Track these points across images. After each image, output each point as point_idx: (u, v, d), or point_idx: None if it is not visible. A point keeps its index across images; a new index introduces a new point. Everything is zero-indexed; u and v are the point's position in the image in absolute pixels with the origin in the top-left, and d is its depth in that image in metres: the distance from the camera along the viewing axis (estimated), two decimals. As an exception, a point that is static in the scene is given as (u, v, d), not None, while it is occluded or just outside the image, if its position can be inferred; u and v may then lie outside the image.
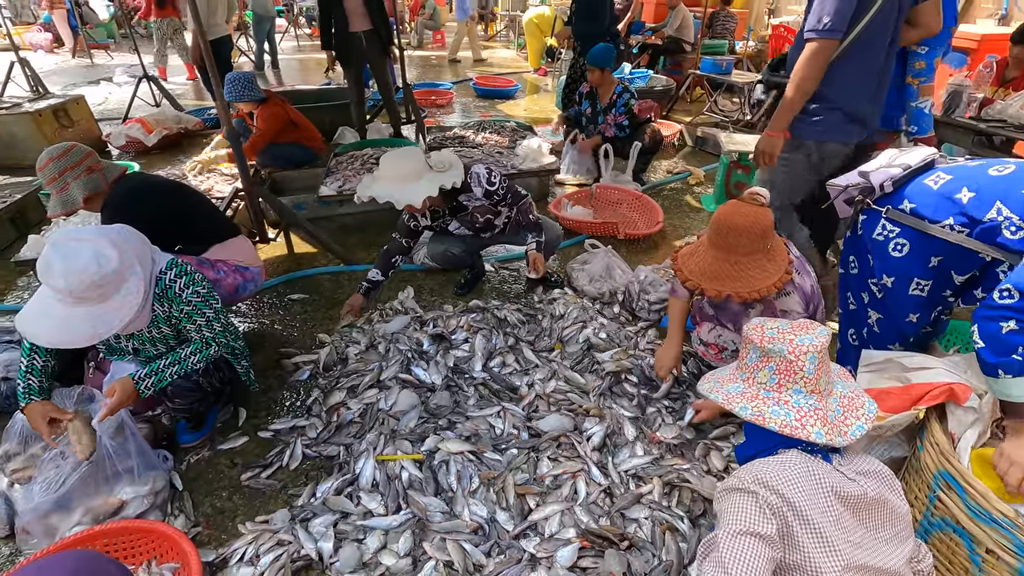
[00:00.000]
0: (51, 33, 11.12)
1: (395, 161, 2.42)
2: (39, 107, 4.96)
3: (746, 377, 1.29)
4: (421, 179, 2.40)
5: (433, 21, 12.86)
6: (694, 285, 1.84)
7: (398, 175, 2.40)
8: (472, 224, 2.74)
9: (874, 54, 2.15)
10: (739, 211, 1.76)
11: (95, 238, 1.59)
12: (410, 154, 2.46)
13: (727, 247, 1.78)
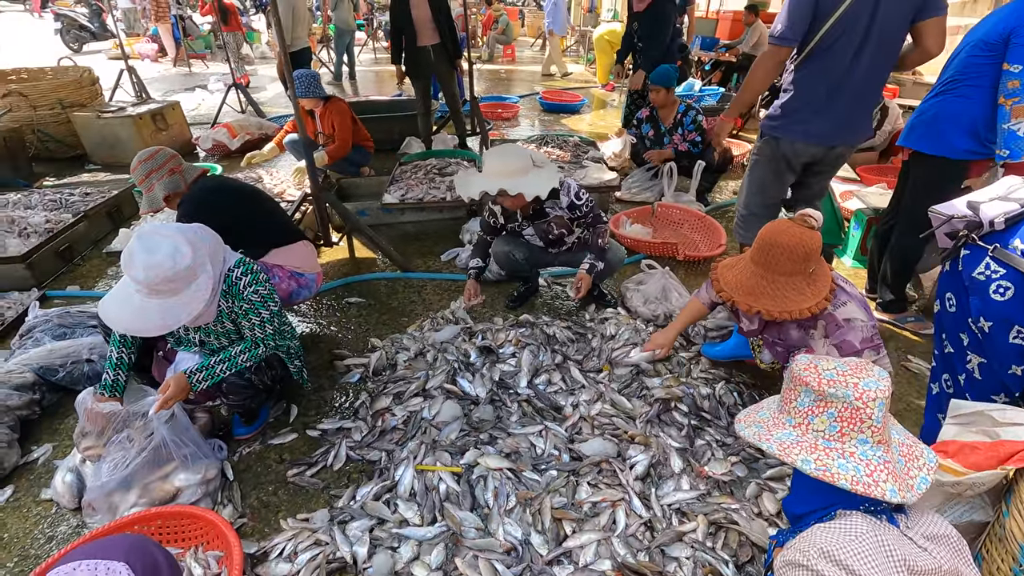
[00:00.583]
0: (156, 44, 12.15)
1: (502, 157, 2.45)
2: (140, 111, 5.41)
3: (798, 423, 1.16)
4: (528, 174, 2.43)
5: (505, 36, 13.09)
6: (727, 297, 1.84)
7: (507, 170, 2.42)
8: (545, 234, 2.72)
9: (832, 63, 2.30)
10: (785, 230, 1.73)
11: (174, 235, 1.71)
12: (516, 150, 2.51)
13: (767, 264, 1.77)
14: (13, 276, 3.09)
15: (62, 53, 10.72)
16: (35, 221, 3.45)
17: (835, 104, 2.38)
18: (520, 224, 2.74)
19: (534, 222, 2.70)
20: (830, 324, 1.81)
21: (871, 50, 2.27)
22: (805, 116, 2.43)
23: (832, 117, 2.41)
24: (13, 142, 4.94)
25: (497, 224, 2.76)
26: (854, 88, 2.35)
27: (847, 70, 2.31)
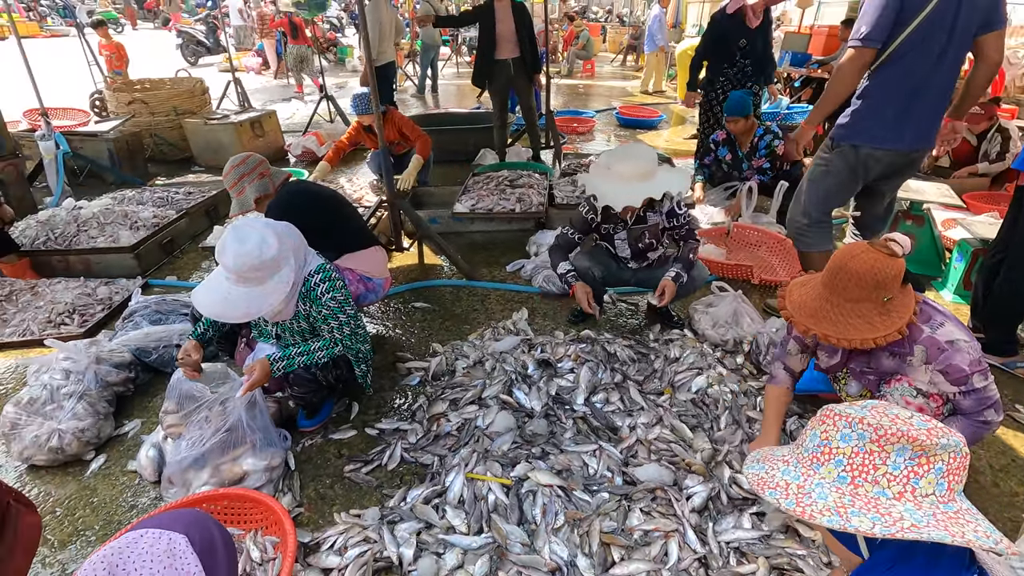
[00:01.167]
0: (261, 58, 13.16)
1: (633, 159, 2.39)
2: (241, 119, 5.86)
3: (901, 491, 0.90)
4: (658, 175, 2.40)
5: (585, 51, 13.13)
6: (787, 316, 1.73)
7: (639, 171, 2.37)
8: (637, 242, 2.66)
9: (912, 67, 2.22)
10: (858, 255, 1.60)
11: (263, 228, 1.84)
12: (643, 150, 2.45)
13: (834, 288, 1.65)
14: (123, 264, 3.42)
15: (180, 66, 11.86)
16: (144, 216, 3.80)
17: (916, 109, 2.30)
18: (615, 227, 2.65)
19: (630, 227, 2.62)
20: (931, 349, 1.63)
21: (953, 54, 2.21)
22: (886, 122, 2.34)
23: (913, 122, 2.32)
24: (134, 144, 5.50)
25: (593, 223, 2.65)
26: (935, 92, 2.28)
27: (929, 74, 2.24)
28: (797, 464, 1.00)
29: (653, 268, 2.76)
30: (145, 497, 1.98)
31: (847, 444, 0.95)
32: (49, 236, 3.52)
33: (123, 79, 7.37)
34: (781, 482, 0.99)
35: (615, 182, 2.41)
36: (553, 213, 4.06)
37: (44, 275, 3.38)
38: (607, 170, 2.47)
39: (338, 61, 14.73)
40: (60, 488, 2.01)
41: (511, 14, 4.86)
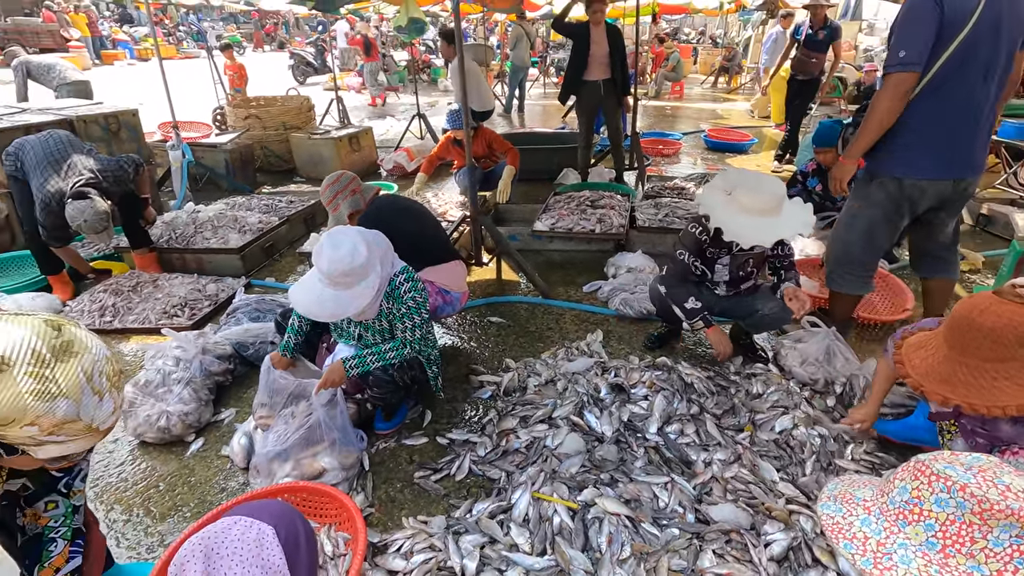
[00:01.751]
0: (361, 78, 14.04)
1: (759, 191, 2.19)
2: (340, 134, 6.27)
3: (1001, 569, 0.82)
4: (783, 210, 2.23)
5: (675, 73, 12.93)
6: (915, 385, 1.54)
7: (766, 206, 2.18)
8: (740, 269, 2.54)
9: (955, 90, 2.07)
10: (987, 308, 1.41)
11: (355, 236, 1.97)
12: (771, 181, 2.24)
13: (965, 348, 1.45)
14: (231, 265, 3.74)
15: (291, 84, 12.90)
16: (251, 221, 4.14)
17: (962, 135, 2.16)
18: (720, 252, 2.50)
19: (735, 253, 2.49)
20: None
21: (999, 72, 2.09)
22: (930, 151, 2.19)
23: (960, 150, 2.18)
24: (246, 155, 6.02)
25: (703, 244, 2.46)
26: (980, 115, 2.14)
27: (974, 96, 2.10)
28: (880, 516, 0.91)
29: (741, 296, 2.64)
30: (234, 481, 2.13)
31: (942, 510, 0.85)
32: (171, 235, 3.92)
33: (242, 96, 8.13)
34: (859, 534, 0.90)
35: (742, 215, 2.23)
36: (634, 236, 4.00)
37: (166, 270, 3.76)
38: (727, 196, 2.31)
39: (431, 81, 15.44)
40: (164, 465, 2.21)
41: (606, 36, 4.90)
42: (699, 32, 25.69)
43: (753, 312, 2.57)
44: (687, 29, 26.49)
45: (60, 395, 0.88)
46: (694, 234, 2.49)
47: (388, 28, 15.33)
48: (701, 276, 2.62)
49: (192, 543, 0.84)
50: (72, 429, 0.90)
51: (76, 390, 0.90)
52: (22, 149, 3.28)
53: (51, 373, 0.89)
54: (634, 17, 6.37)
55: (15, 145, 3.32)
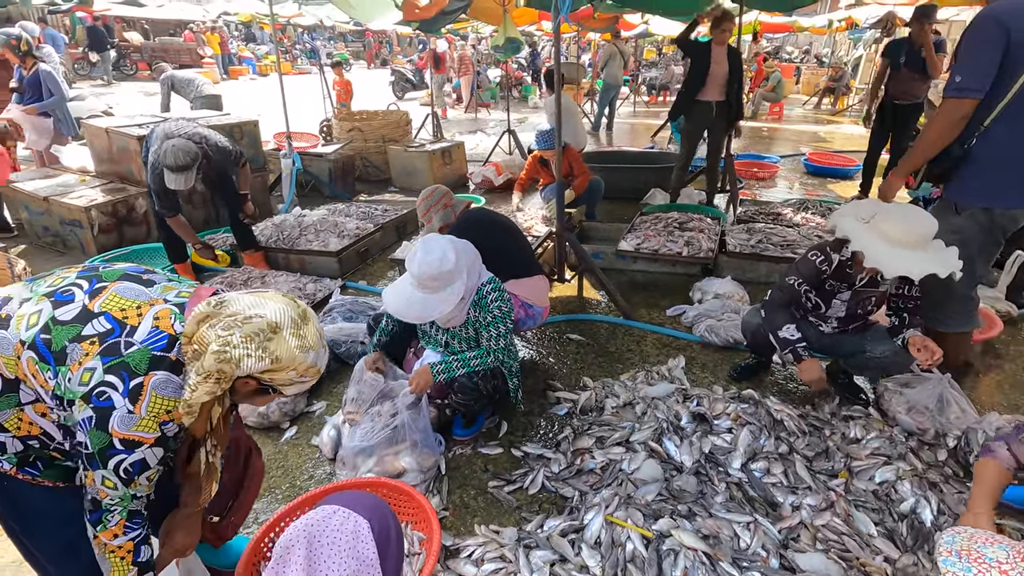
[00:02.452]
0: (456, 94, 14.61)
1: (909, 222, 2.03)
2: (434, 148, 6.55)
3: None
4: (930, 246, 2.04)
5: (775, 93, 12.38)
6: None
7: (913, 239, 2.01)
8: (858, 306, 2.37)
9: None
10: None
11: (446, 243, 2.06)
12: (922, 214, 2.07)
13: None
14: (329, 266, 4.01)
15: (391, 100, 13.65)
16: (349, 227, 4.41)
17: None
18: (840, 286, 2.33)
19: (858, 288, 2.32)
20: None
21: None
22: (1018, 177, 2.14)
23: None
24: (347, 165, 6.43)
25: (823, 275, 2.30)
26: None
27: None
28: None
29: (848, 335, 2.48)
30: (322, 470, 2.26)
31: None
32: (279, 236, 4.25)
33: (347, 110, 8.71)
34: None
35: (885, 244, 2.04)
36: (724, 261, 3.86)
37: (272, 267, 4.08)
38: (865, 224, 2.14)
39: (522, 98, 15.76)
40: (261, 447, 2.39)
41: (727, 57, 4.80)
42: (803, 51, 24.47)
43: (860, 352, 2.40)
44: (790, 48, 25.32)
45: (310, 348, 1.20)
46: (814, 263, 2.32)
47: (485, 47, 15.84)
48: (812, 309, 2.46)
49: (297, 528, 0.91)
50: (311, 372, 1.22)
51: (316, 344, 1.22)
52: (152, 133, 3.54)
53: (303, 332, 1.20)
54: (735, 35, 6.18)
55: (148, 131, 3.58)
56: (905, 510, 1.90)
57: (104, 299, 1.17)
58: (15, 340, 1.12)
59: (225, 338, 1.11)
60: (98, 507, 1.16)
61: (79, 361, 1.10)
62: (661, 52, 20.54)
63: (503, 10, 6.52)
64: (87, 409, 1.08)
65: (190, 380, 1.12)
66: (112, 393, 1.08)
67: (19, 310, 1.15)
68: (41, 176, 4.95)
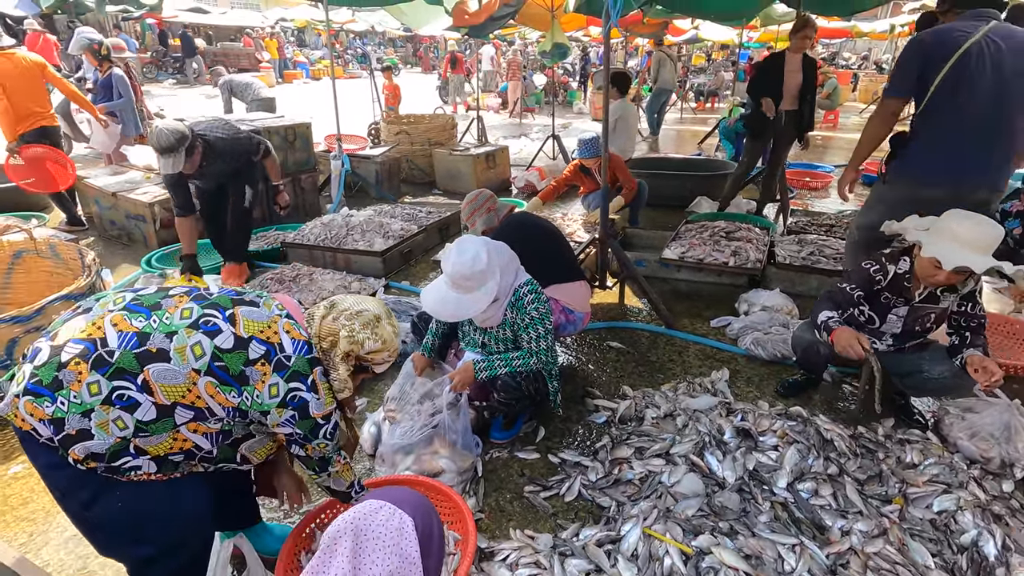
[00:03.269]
0: (501, 98, 14.71)
1: (979, 226, 2.01)
2: (478, 152, 6.61)
3: None
4: (989, 254, 2.00)
5: (830, 100, 11.93)
6: None
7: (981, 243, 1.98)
8: (915, 323, 2.27)
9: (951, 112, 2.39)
10: None
11: (479, 244, 2.09)
12: (991, 222, 2.05)
13: None
14: (373, 266, 4.09)
15: (437, 104, 13.86)
16: (394, 228, 4.50)
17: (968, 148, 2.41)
18: (896, 300, 2.26)
19: (916, 304, 2.23)
20: None
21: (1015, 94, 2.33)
22: (936, 159, 2.49)
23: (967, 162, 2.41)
24: (393, 168, 6.57)
25: (879, 285, 2.24)
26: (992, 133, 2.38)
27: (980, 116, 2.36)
28: None
29: (905, 353, 2.36)
30: (361, 465, 2.30)
31: None
32: (326, 235, 4.37)
33: (395, 114, 8.90)
34: None
35: (950, 242, 2.01)
36: (772, 272, 3.74)
37: (319, 266, 4.19)
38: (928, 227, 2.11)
39: (566, 103, 15.74)
40: (304, 440, 2.46)
41: (801, 66, 4.68)
42: (861, 57, 23.55)
43: (917, 372, 2.28)
44: (847, 54, 24.41)
45: (396, 334, 1.58)
46: (868, 271, 2.23)
47: (532, 52, 15.92)
48: (865, 323, 2.36)
49: (344, 520, 0.93)
50: (395, 353, 1.59)
51: (398, 330, 1.59)
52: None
53: (393, 321, 1.59)
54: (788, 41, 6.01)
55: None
56: (966, 542, 1.79)
57: (241, 326, 1.39)
58: (187, 370, 1.30)
59: (350, 327, 1.49)
60: (325, 462, 1.54)
61: (261, 380, 1.36)
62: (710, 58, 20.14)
63: (551, 15, 6.54)
64: (287, 411, 1.39)
65: (333, 359, 1.48)
66: (301, 393, 1.40)
67: (173, 344, 1.31)
68: (110, 173, 5.25)
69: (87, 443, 1.24)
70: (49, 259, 3.22)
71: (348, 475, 1.64)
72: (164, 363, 1.29)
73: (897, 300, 2.25)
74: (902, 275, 2.18)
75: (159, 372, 1.28)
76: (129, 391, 1.26)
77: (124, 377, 1.26)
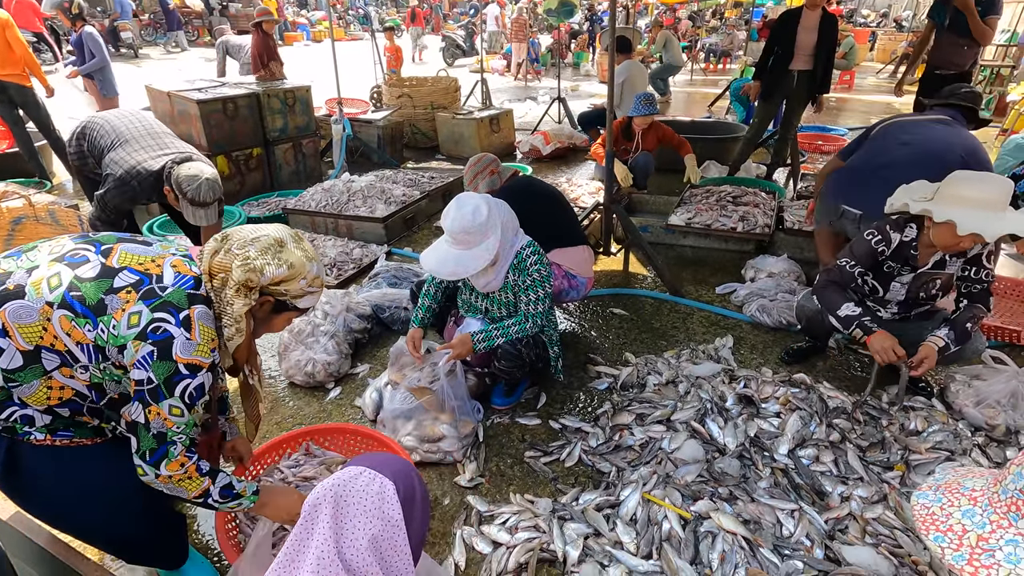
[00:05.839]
0: (506, 60, 14.32)
1: (983, 183, 1.95)
2: (481, 116, 6.46)
3: None
4: (1007, 212, 1.91)
5: (847, 60, 11.52)
6: None
7: (987, 199, 1.90)
8: (920, 290, 2.22)
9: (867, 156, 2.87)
10: None
11: (479, 199, 2.06)
12: (998, 179, 1.99)
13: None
14: (375, 232, 4.06)
15: (441, 66, 13.53)
16: (396, 193, 4.44)
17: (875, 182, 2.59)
18: (901, 268, 2.21)
19: (921, 272, 2.19)
20: None
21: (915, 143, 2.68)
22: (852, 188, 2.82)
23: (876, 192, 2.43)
24: (396, 132, 6.44)
25: (883, 255, 2.19)
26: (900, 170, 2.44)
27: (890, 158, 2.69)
28: (988, 508, 0.74)
29: (909, 322, 2.32)
30: (363, 431, 2.32)
31: None
32: (328, 201, 4.32)
33: (397, 76, 8.69)
34: (957, 526, 0.75)
35: (958, 206, 1.91)
36: (780, 238, 3.67)
37: (321, 232, 4.16)
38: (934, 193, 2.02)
39: (574, 65, 15.33)
40: (307, 406, 2.48)
41: (818, 24, 4.45)
42: (880, 15, 22.65)
43: (922, 341, 2.24)
44: (865, 11, 23.47)
45: (312, 258, 1.38)
46: (870, 243, 2.18)
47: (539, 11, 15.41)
48: (870, 292, 2.32)
49: (324, 488, 0.93)
50: (317, 283, 1.39)
51: (314, 256, 1.40)
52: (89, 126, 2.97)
53: (304, 246, 1.39)
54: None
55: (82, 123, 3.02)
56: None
57: (118, 257, 1.24)
58: (40, 304, 1.16)
59: (244, 254, 1.29)
60: (163, 441, 1.23)
61: (121, 308, 1.18)
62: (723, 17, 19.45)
63: (557, -29, 6.28)
64: (145, 346, 1.17)
65: (227, 296, 1.28)
66: (167, 326, 1.19)
67: (30, 278, 1.18)
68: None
69: None
70: (48, 225, 3.21)
71: (194, 487, 1.29)
72: (19, 300, 1.15)
73: (902, 268, 2.20)
74: (908, 243, 2.12)
75: (13, 311, 1.15)
76: None
77: None
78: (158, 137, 2.96)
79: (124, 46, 15.83)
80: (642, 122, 4.40)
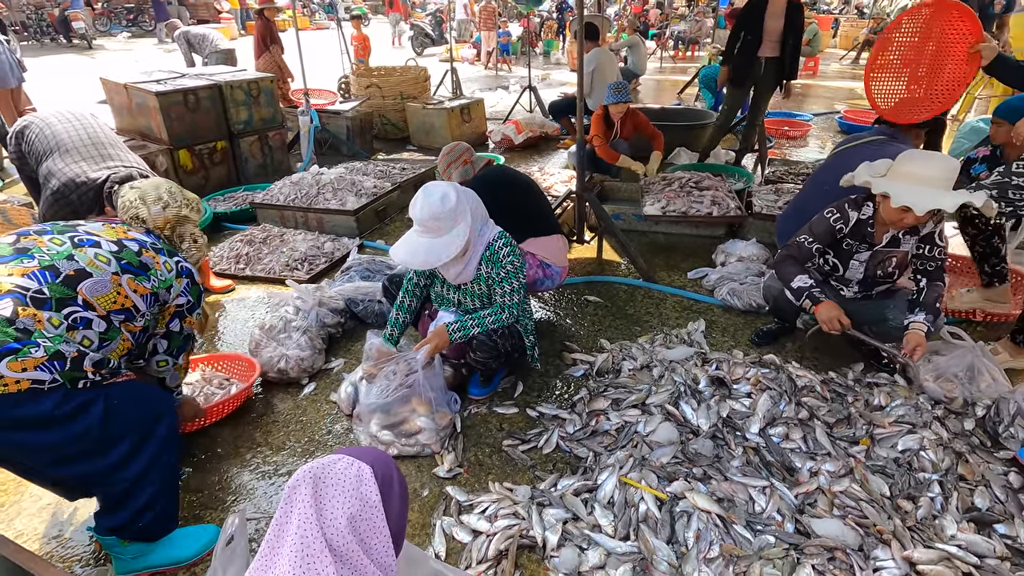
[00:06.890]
0: (476, 49, 14.20)
1: (929, 162, 2.04)
2: (452, 105, 6.40)
3: None
4: (948, 190, 2.01)
5: (810, 47, 11.70)
6: None
7: (933, 176, 1.99)
8: (877, 268, 2.29)
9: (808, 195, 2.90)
10: None
11: (447, 186, 2.05)
12: (944, 158, 2.10)
13: None
14: (346, 225, 4.00)
15: (410, 55, 13.33)
16: (367, 185, 4.37)
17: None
18: (858, 246, 2.28)
19: (877, 249, 2.27)
20: None
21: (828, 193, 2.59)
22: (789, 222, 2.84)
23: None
24: (365, 123, 6.34)
25: (841, 233, 2.27)
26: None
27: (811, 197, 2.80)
28: None
29: (872, 301, 2.39)
30: (339, 425, 2.30)
31: None
32: (297, 195, 4.24)
33: (365, 66, 8.53)
34: None
35: (904, 182, 2.03)
36: (750, 222, 3.74)
37: (291, 227, 4.08)
38: (886, 171, 2.13)
39: (544, 53, 15.28)
40: (281, 402, 2.44)
41: (785, 11, 4.50)
42: (842, 1, 23.10)
43: (882, 320, 2.32)
44: (828, -2, 23.89)
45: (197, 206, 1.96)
46: (828, 220, 2.25)
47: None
48: (831, 271, 2.39)
49: (304, 471, 0.95)
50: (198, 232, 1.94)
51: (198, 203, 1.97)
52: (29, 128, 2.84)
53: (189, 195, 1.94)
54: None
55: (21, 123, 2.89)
56: (924, 479, 1.86)
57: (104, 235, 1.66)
58: (108, 275, 1.56)
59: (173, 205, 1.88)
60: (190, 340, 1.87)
61: (154, 262, 1.70)
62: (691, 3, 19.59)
63: (525, -42, 6.23)
64: (184, 280, 1.77)
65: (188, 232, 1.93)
66: (183, 263, 1.80)
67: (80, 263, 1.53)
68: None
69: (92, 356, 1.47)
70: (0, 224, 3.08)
71: (183, 375, 1.93)
72: (90, 278, 1.52)
73: (859, 246, 2.27)
74: (865, 220, 2.19)
75: (90, 287, 1.51)
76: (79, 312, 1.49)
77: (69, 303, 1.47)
78: (102, 147, 2.80)
79: (76, 36, 15.20)
80: (617, 110, 4.42)
